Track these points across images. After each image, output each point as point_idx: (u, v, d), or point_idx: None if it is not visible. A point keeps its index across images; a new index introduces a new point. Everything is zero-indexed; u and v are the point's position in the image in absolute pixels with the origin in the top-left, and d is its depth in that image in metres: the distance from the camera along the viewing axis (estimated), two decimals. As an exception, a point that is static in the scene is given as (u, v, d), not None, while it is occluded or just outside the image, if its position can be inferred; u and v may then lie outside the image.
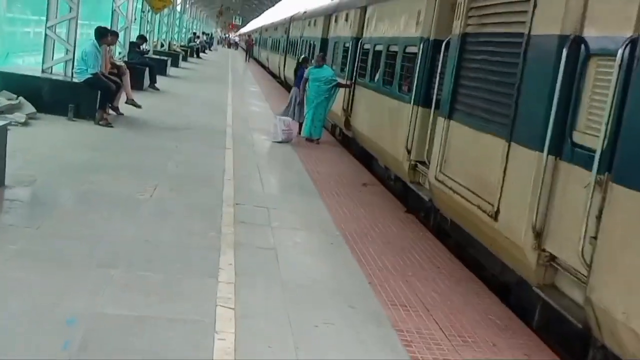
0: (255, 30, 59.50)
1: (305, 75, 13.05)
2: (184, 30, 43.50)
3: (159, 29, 28.97)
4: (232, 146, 10.86)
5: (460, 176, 6.72)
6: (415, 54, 8.77)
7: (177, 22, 38.71)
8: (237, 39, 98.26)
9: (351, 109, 13.34)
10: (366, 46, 12.02)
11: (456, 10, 7.16)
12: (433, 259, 6.49)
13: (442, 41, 7.86)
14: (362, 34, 12.92)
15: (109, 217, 6.00)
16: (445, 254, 6.74)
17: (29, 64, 13.32)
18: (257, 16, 74.51)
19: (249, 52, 50.82)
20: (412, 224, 7.84)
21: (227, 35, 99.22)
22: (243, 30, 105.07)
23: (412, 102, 8.63)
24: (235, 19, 69.47)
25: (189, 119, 13.20)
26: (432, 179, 7.50)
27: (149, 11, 23.18)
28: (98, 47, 10.77)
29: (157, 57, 23.54)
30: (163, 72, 22.59)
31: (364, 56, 12.16)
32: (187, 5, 46.78)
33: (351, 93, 13.46)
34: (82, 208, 6.23)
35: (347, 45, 13.91)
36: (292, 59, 24.33)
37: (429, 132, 7.90)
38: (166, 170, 8.36)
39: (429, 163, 7.81)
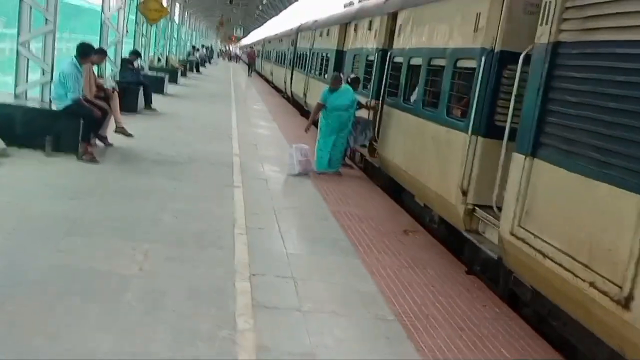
0: (257, 42, 58.11)
1: (320, 100, 11.33)
2: (182, 43, 42.15)
3: (155, 43, 27.52)
4: (241, 183, 9.23)
5: (554, 236, 5.08)
6: (473, 69, 7.16)
7: (175, 34, 37.35)
8: (238, 51, 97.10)
9: (377, 134, 11.73)
10: (397, 59, 10.42)
11: (542, 12, 5.55)
12: (525, 353, 4.84)
13: (514, 53, 6.29)
14: (391, 44, 11.34)
15: (80, 315, 4.34)
16: (540, 345, 5.08)
17: (4, 87, 11.75)
18: (259, 27, 73.27)
19: (251, 66, 48.06)
20: (480, 292, 6.17)
21: (227, 48, 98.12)
22: (244, 42, 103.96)
23: (469, 131, 7.00)
24: (236, 30, 68.25)
25: (190, 148, 11.59)
26: (506, 233, 5.87)
27: (143, 23, 21.70)
28: (79, 66, 9.18)
29: (154, 74, 22.04)
30: (160, 90, 21.06)
31: (395, 71, 10.56)
32: (186, 16, 45.50)
33: (377, 115, 11.87)
34: (41, 300, 4.54)
35: (370, 58, 12.32)
36: (301, 74, 22.82)
37: (499, 170, 6.27)
38: (161, 224, 6.73)
39: (499, 211, 6.19)
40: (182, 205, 7.64)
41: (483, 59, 6.85)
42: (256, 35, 72.59)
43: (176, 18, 37.29)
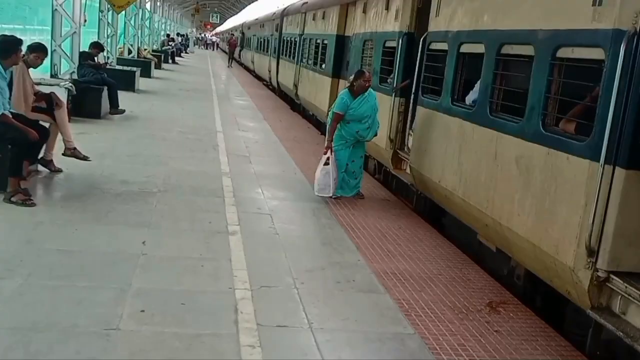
0: (235, 29, 54.77)
1: (338, 109, 8.29)
2: (155, 32, 39.09)
3: (124, 33, 24.54)
4: (238, 225, 6.55)
5: None
6: (598, 61, 4.57)
7: (148, 23, 34.25)
8: (215, 38, 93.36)
9: (404, 142, 9.11)
10: (437, 46, 7.77)
11: None
12: None
13: None
14: (420, 26, 8.71)
15: None
16: None
17: None
18: (237, 13, 69.85)
19: (231, 55, 42.26)
20: None
21: (203, 35, 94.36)
22: (220, 28, 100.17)
23: (601, 158, 4.41)
24: (212, 16, 64.79)
25: (166, 168, 8.84)
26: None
27: (109, 10, 18.75)
28: (2, 70, 6.41)
29: (122, 68, 19.12)
30: (131, 87, 18.19)
31: (434, 61, 7.93)
32: (159, 4, 42.30)
33: (404, 116, 9.24)
34: None
35: (390, 45, 9.65)
36: (289, 63, 20.04)
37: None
38: (121, 328, 4.06)
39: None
40: (154, 277, 4.94)
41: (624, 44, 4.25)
42: (233, 22, 69.11)
43: (148, 5, 34.20)
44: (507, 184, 5.75)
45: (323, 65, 14.77)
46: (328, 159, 8.09)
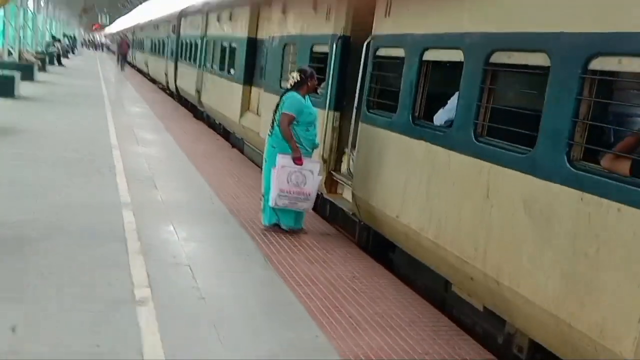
0: (126, 30, 51.01)
1: (290, 110, 6.53)
2: (39, 33, 35.33)
3: (3, 34, 21.36)
4: (150, 290, 4.66)
5: None
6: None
7: (30, 24, 30.67)
8: (104, 39, 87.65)
9: (340, 163, 7.57)
10: (389, 52, 6.25)
11: None
12: None
13: None
14: (358, 29, 7.20)
15: None
16: None
17: None
18: (127, 13, 65.56)
19: (123, 58, 36.90)
20: None
21: (92, 36, 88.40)
22: (110, 30, 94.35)
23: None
24: (101, 17, 60.27)
25: (48, 203, 6.68)
26: None
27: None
28: None
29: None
30: (10, 93, 15.48)
31: (382, 70, 6.42)
32: (42, 4, 38.35)
33: (339, 132, 7.67)
34: None
35: (319, 50, 8.03)
36: (190, 67, 17.94)
37: None
38: None
39: None
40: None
41: None
42: (124, 23, 64.75)
43: (30, 5, 30.63)
44: (508, 231, 4.29)
45: (232, 71, 12.90)
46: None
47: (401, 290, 5.45)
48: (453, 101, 5.21)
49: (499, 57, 4.58)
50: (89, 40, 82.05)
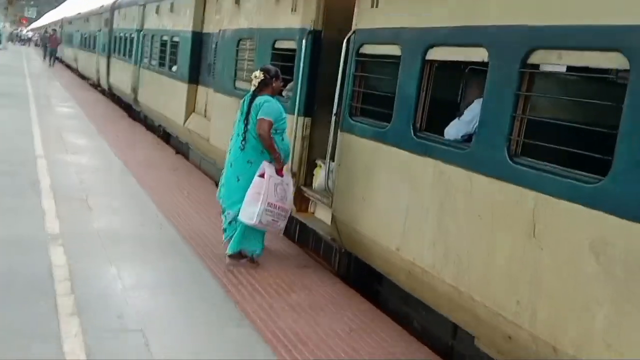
0: (54, 24, 47.62)
1: (269, 115, 5.31)
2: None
3: None
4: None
5: None
6: None
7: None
8: (30, 34, 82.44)
9: (311, 177, 6.38)
10: (375, 49, 5.09)
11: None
12: None
13: None
14: (334, 22, 6.04)
15: None
16: None
17: None
18: (56, 7, 61.59)
19: (52, 54, 33.56)
20: None
21: (19, 31, 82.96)
22: (37, 24, 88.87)
23: None
24: (28, 10, 56.28)
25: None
26: None
27: None
28: None
29: None
30: None
31: (369, 71, 5.27)
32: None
33: (309, 141, 6.47)
34: None
35: (282, 46, 6.78)
36: (125, 63, 16.24)
37: None
38: None
39: None
40: None
41: None
42: (52, 17, 60.76)
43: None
44: (570, 283, 3.22)
45: (174, 68, 11.42)
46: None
47: (411, 345, 4.30)
48: (472, 111, 4.12)
49: (543, 57, 3.50)
50: (17, 35, 76.91)
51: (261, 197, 5.15)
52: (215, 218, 5.81)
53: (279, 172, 5.38)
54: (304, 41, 6.28)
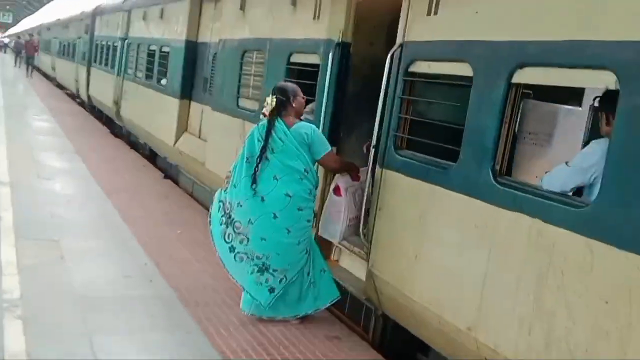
0: (30, 30, 46.11)
1: (324, 148, 4.54)
2: None
3: None
4: None
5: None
6: None
7: None
8: (6, 40, 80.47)
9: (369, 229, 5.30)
10: (433, 68, 4.07)
11: None
12: None
13: None
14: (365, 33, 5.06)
15: None
16: None
17: None
18: (33, 12, 60.02)
19: (28, 62, 30.69)
20: None
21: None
22: (14, 30, 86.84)
23: None
24: (3, 16, 54.63)
25: None
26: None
27: None
28: None
29: None
30: None
31: (424, 95, 4.25)
32: None
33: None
34: None
35: (299, 59, 5.73)
36: (106, 74, 15.11)
37: None
38: None
39: None
40: None
41: None
42: (30, 23, 59.10)
43: None
44: None
45: (163, 81, 10.31)
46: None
47: None
48: (590, 155, 3.09)
49: None
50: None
51: (342, 216, 4.71)
52: (218, 265, 4.71)
53: (355, 176, 4.80)
54: (330, 55, 5.23)
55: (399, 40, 4.45)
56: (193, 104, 9.30)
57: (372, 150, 4.61)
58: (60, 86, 26.78)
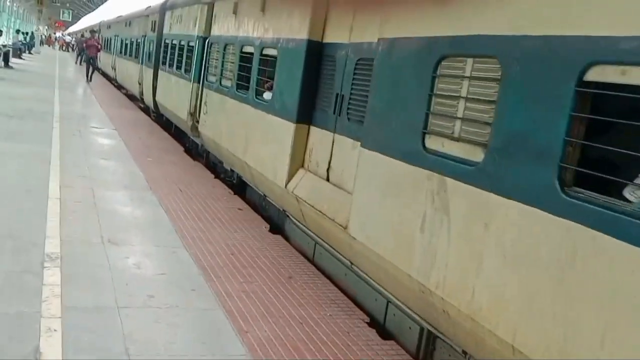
0: (90, 28, 44.94)
1: None
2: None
3: None
4: None
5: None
6: None
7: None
8: (68, 38, 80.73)
9: None
10: None
11: None
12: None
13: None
14: None
15: None
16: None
17: None
18: (93, 10, 59.32)
19: (92, 64, 25.65)
20: None
21: (56, 35, 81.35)
22: (74, 28, 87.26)
23: None
24: (62, 14, 53.92)
25: None
26: None
27: None
28: None
29: None
30: None
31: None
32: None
33: None
34: None
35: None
36: (181, 79, 12.65)
37: None
38: None
39: None
40: None
41: None
42: (90, 21, 58.31)
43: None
44: None
45: (267, 96, 7.65)
46: None
47: None
48: None
49: None
50: (57, 38, 75.06)
51: None
52: None
53: None
54: None
55: None
56: (314, 131, 6.60)
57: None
58: (119, 86, 24.92)
